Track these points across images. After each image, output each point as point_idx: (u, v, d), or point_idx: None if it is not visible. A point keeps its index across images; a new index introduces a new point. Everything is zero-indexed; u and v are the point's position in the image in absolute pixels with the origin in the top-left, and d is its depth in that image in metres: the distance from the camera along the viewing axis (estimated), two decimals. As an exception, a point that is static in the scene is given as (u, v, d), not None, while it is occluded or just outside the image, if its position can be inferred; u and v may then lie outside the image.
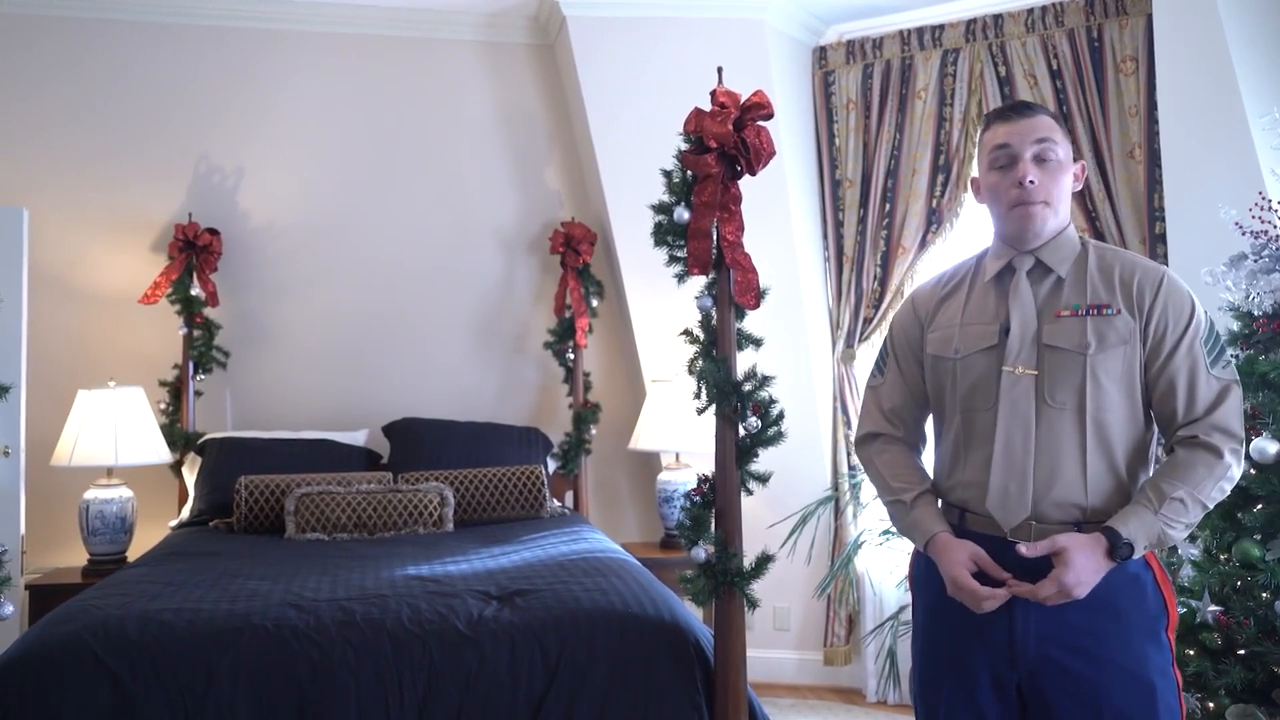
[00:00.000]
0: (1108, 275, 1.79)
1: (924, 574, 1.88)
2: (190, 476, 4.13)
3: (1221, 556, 2.61)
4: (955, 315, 1.89)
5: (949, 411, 1.88)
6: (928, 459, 1.99)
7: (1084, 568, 1.64)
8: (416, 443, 4.20)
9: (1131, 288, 1.76)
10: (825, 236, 4.40)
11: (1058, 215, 1.81)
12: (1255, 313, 2.67)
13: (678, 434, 4.15)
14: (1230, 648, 2.50)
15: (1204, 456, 1.69)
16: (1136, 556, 1.68)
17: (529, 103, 4.67)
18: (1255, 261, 2.69)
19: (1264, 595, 2.47)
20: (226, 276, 4.37)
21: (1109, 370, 1.73)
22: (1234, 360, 1.79)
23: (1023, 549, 1.68)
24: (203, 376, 4.29)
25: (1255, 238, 2.71)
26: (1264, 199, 2.75)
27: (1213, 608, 2.54)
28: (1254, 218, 2.73)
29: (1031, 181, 1.78)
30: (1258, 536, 2.55)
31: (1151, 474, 1.77)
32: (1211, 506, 1.71)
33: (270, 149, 4.45)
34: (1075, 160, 1.86)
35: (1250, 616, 2.49)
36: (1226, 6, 3.12)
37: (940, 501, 1.90)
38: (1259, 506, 2.53)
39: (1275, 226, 2.70)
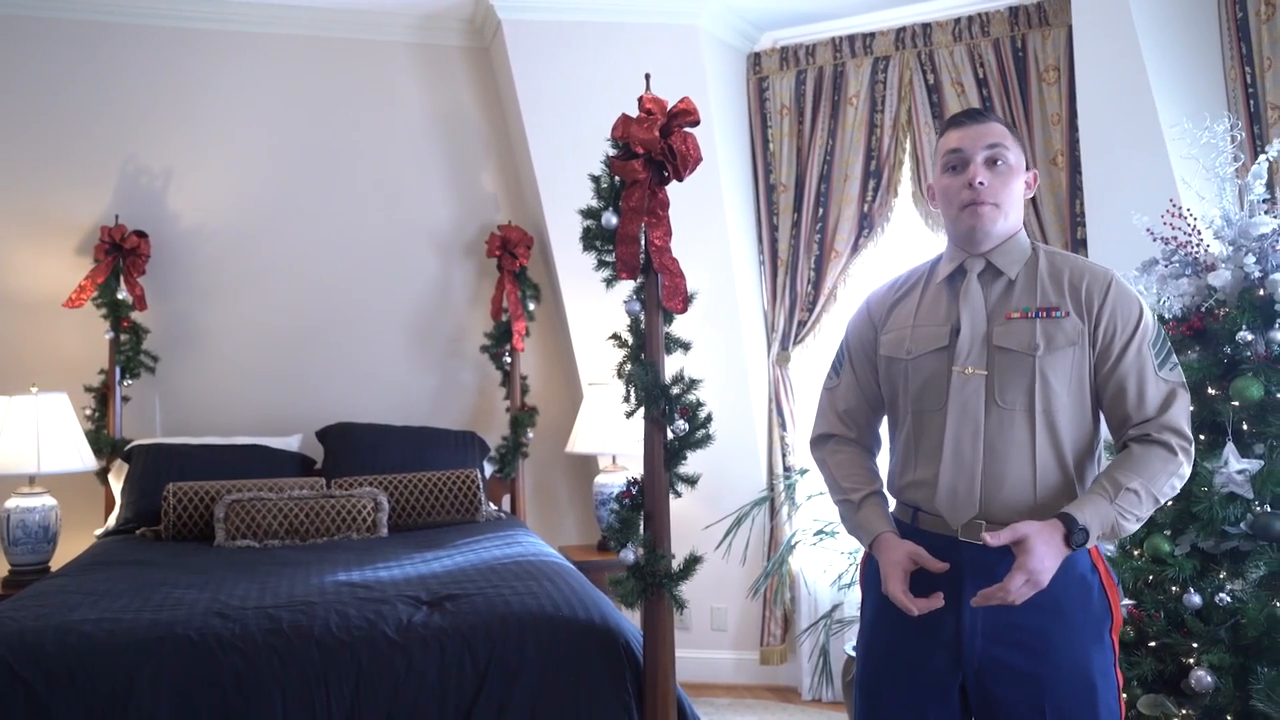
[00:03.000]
0: (1057, 279, 1.81)
1: (874, 575, 1.88)
2: (117, 484, 4.04)
3: (1134, 552, 2.69)
4: (908, 317, 1.91)
5: (902, 412, 1.90)
6: (884, 460, 2.01)
7: (1045, 554, 1.63)
8: (351, 447, 4.15)
9: (1081, 291, 1.79)
10: (760, 240, 4.45)
11: (1008, 218, 1.83)
12: (1165, 316, 2.76)
13: (615, 437, 4.16)
14: (1142, 640, 2.58)
15: (1159, 452, 1.72)
16: (1090, 545, 1.70)
17: (464, 105, 4.65)
18: (1165, 266, 2.78)
19: (1173, 589, 2.56)
20: (155, 279, 4.28)
21: (1058, 371, 1.76)
22: (1179, 364, 1.82)
23: (987, 538, 1.67)
24: (130, 381, 4.20)
25: (1166, 243, 2.80)
26: (1174, 206, 2.84)
27: (1125, 601, 2.62)
28: (1165, 224, 2.82)
29: (981, 183, 1.81)
30: (1168, 532, 2.63)
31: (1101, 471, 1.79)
32: (1163, 502, 1.73)
33: (200, 150, 4.37)
34: (1028, 169, 1.90)
35: (1160, 610, 2.57)
36: (1141, 20, 3.22)
37: (894, 501, 1.92)
38: (1169, 503, 2.61)
39: (1184, 233, 2.79)
